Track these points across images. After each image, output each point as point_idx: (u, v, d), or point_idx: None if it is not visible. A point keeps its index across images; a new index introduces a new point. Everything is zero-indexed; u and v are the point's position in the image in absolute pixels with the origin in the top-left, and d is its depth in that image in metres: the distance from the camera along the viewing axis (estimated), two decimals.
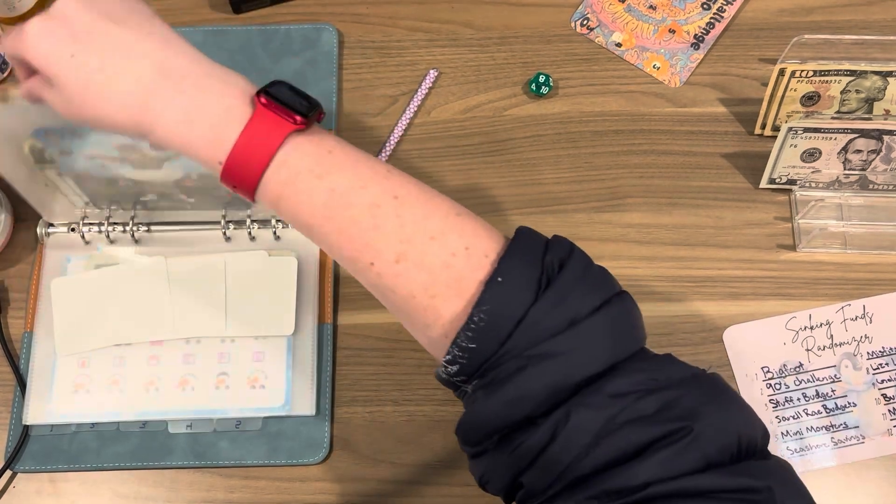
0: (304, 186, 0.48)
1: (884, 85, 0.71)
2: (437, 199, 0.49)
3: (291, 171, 0.48)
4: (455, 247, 0.47)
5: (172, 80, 0.49)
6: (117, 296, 0.71)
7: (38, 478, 0.68)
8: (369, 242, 0.48)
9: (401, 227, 0.48)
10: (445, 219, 0.48)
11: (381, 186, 0.49)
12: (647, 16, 0.81)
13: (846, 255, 0.72)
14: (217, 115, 0.48)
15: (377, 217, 0.48)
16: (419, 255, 0.47)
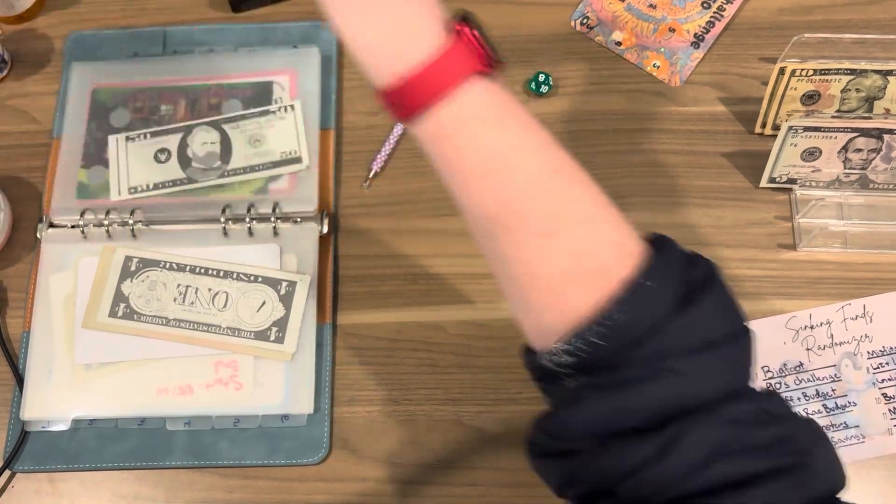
0: (469, 132, 0.44)
1: (884, 84, 0.71)
2: (591, 183, 0.46)
3: (463, 112, 0.44)
4: (605, 238, 0.44)
5: None
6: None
7: (37, 478, 0.68)
8: (517, 209, 0.44)
9: (555, 202, 0.44)
10: (598, 206, 0.45)
11: (544, 156, 0.45)
12: (648, 15, 0.81)
13: (846, 254, 0.72)
14: (413, 27, 0.44)
15: (535, 186, 0.44)
16: (567, 237, 0.44)
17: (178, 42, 0.81)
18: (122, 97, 0.78)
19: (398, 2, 0.44)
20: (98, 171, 0.75)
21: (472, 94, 0.44)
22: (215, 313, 0.70)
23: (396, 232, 0.74)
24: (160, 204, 0.74)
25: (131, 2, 0.84)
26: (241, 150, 0.75)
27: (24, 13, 0.82)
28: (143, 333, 0.70)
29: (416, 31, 0.44)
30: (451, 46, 0.44)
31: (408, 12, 0.44)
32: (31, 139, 0.79)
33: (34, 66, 0.81)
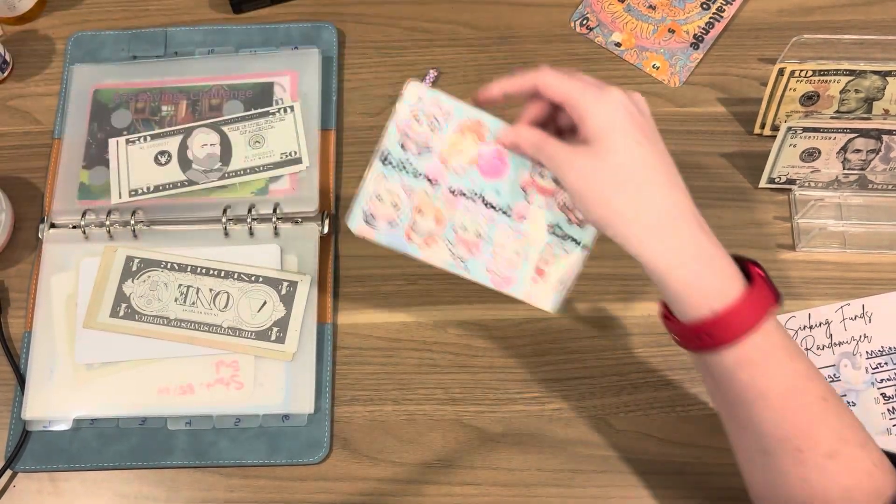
0: (774, 360, 0.50)
1: (883, 84, 0.72)
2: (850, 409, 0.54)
3: (770, 343, 0.50)
4: (877, 460, 0.50)
5: (699, 225, 0.51)
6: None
7: (38, 477, 0.68)
8: (810, 431, 0.50)
9: (840, 426, 0.50)
10: (865, 430, 0.51)
11: (823, 383, 0.51)
12: (647, 15, 0.81)
13: (845, 254, 0.72)
14: (727, 269, 0.50)
15: (824, 410, 0.50)
16: (850, 458, 0.49)
17: (179, 43, 0.81)
18: (124, 98, 0.78)
19: (712, 250, 0.51)
20: (99, 172, 0.76)
21: (772, 326, 0.50)
22: (216, 313, 0.70)
23: None
24: (161, 205, 0.74)
25: (132, 3, 0.84)
26: (241, 151, 0.75)
27: (25, 14, 0.83)
28: (145, 333, 0.70)
29: (728, 274, 0.50)
30: (756, 285, 0.50)
31: (719, 258, 0.51)
32: (32, 140, 0.79)
33: (36, 66, 0.82)
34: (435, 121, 0.57)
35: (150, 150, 0.76)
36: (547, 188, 0.58)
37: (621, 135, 0.51)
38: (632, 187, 0.50)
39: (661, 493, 0.65)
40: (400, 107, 0.57)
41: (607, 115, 0.51)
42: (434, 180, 0.58)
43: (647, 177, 0.51)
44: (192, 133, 0.76)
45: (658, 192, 0.51)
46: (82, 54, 0.81)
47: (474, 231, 0.58)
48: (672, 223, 0.50)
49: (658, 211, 0.50)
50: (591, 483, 0.66)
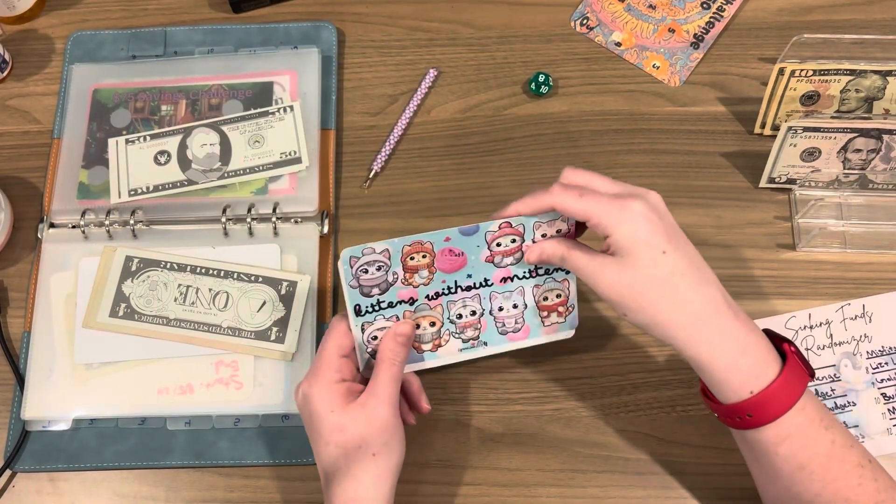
0: (812, 433, 0.54)
1: (883, 84, 0.71)
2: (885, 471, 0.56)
3: (807, 417, 0.54)
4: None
5: (734, 314, 0.54)
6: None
7: (37, 477, 0.68)
8: (850, 497, 0.54)
9: (877, 490, 0.54)
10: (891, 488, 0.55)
11: (859, 448, 0.55)
12: (647, 15, 0.81)
13: (846, 254, 0.72)
14: (762, 353, 0.54)
15: (861, 476, 0.54)
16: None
17: (178, 42, 0.81)
18: (123, 98, 0.78)
19: (747, 337, 0.54)
20: (99, 172, 0.75)
21: (810, 402, 0.54)
22: (216, 313, 0.70)
23: (396, 232, 0.74)
24: (161, 205, 0.74)
25: (132, 2, 0.84)
26: (240, 151, 0.75)
27: (24, 13, 0.83)
28: (144, 333, 0.70)
29: (765, 357, 0.54)
30: (790, 365, 0.53)
31: (754, 344, 0.54)
32: (31, 139, 0.79)
33: (35, 66, 0.82)
34: (381, 263, 0.59)
35: (150, 149, 0.76)
36: (510, 249, 0.61)
37: (646, 248, 0.53)
38: (663, 293, 0.53)
39: (661, 493, 0.65)
40: (343, 276, 0.59)
41: (631, 231, 0.53)
42: (410, 299, 0.61)
43: (677, 282, 0.53)
44: (192, 133, 0.76)
45: (689, 292, 0.54)
46: (81, 54, 0.81)
47: (469, 312, 0.63)
48: (707, 318, 0.54)
49: (693, 310, 0.53)
50: (591, 483, 0.66)
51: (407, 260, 0.61)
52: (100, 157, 0.76)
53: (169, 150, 0.76)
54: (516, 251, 0.61)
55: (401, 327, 0.60)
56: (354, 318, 0.60)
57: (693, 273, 0.54)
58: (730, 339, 0.54)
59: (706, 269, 0.55)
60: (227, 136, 0.76)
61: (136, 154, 0.76)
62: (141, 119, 0.77)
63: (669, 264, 0.53)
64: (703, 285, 0.54)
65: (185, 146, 0.76)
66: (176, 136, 0.76)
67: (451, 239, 0.60)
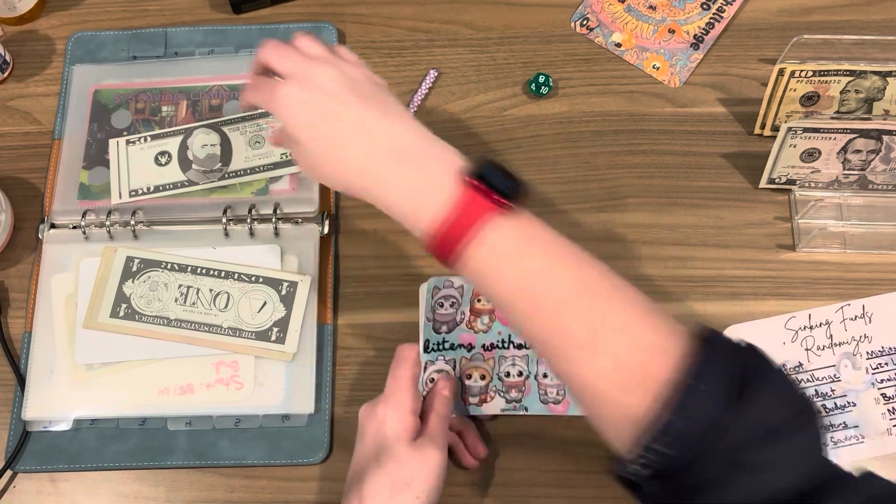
0: (502, 267, 0.50)
1: (883, 85, 0.72)
2: (629, 290, 0.50)
3: (491, 251, 0.50)
4: (646, 343, 0.47)
5: (397, 156, 0.53)
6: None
7: (38, 477, 0.68)
8: (559, 327, 0.49)
9: (592, 317, 0.49)
10: (633, 312, 0.49)
11: (575, 273, 0.50)
12: (647, 16, 0.81)
13: (845, 254, 0.72)
14: (430, 191, 0.52)
15: (571, 304, 0.49)
16: (610, 347, 0.48)
17: (178, 43, 0.81)
18: (124, 98, 0.78)
19: (420, 171, 0.52)
20: (100, 173, 0.76)
21: (496, 234, 0.50)
22: (216, 314, 0.70)
23: (396, 232, 0.74)
24: (161, 205, 0.74)
25: (132, 3, 0.84)
26: (241, 151, 0.75)
27: (25, 14, 0.83)
28: (145, 334, 0.70)
29: (435, 193, 0.51)
30: (462, 198, 0.50)
31: (428, 178, 0.52)
32: (32, 140, 0.79)
33: (35, 67, 0.82)
34: (454, 299, 0.67)
35: (151, 150, 0.76)
36: None
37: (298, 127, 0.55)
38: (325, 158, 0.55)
39: None
40: (423, 304, 0.67)
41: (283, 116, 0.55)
42: (468, 345, 0.66)
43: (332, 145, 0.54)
44: (193, 133, 0.76)
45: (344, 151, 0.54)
46: (82, 54, 0.81)
47: (517, 372, 0.65)
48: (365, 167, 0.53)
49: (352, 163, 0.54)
50: (590, 483, 0.66)
51: (475, 301, 0.67)
52: (100, 158, 0.76)
53: (169, 151, 0.76)
54: None
55: (443, 383, 0.63)
56: (423, 353, 0.65)
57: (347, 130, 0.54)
58: (395, 180, 0.53)
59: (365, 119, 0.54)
60: (227, 136, 0.76)
61: (136, 155, 0.76)
62: (142, 120, 0.77)
63: (321, 134, 0.54)
64: (358, 137, 0.54)
65: (186, 147, 0.76)
66: (176, 136, 0.76)
67: None
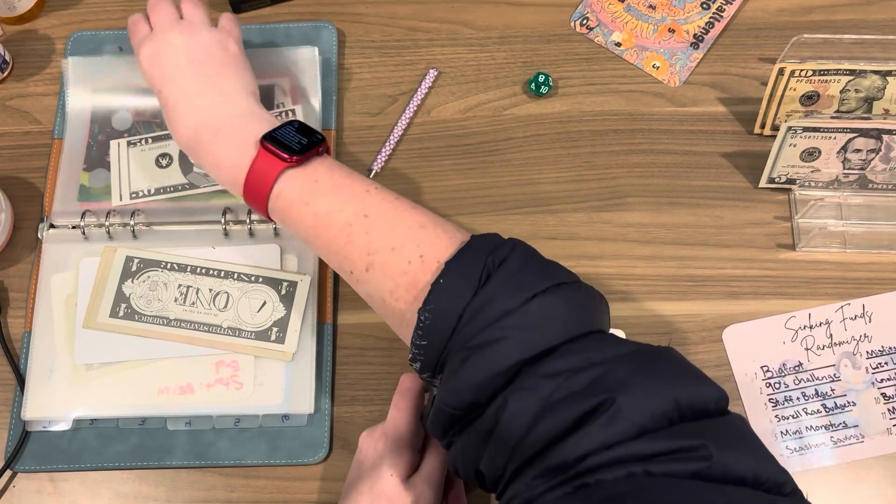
0: (295, 212, 0.58)
1: (883, 84, 0.72)
2: (406, 212, 0.56)
3: (285, 201, 0.58)
4: (411, 255, 0.54)
5: (212, 130, 0.61)
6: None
7: (38, 477, 0.68)
8: (347, 255, 0.56)
9: (368, 241, 0.55)
10: (408, 231, 0.55)
11: (355, 207, 0.57)
12: (647, 15, 0.81)
13: (845, 254, 0.72)
14: (239, 157, 0.60)
15: (350, 234, 0.56)
16: (383, 264, 0.55)
17: None
18: (125, 99, 0.78)
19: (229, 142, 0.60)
20: (100, 175, 0.75)
21: (286, 185, 0.58)
22: (216, 313, 0.70)
23: None
24: (161, 209, 0.74)
25: (132, 3, 0.84)
26: None
27: (24, 14, 0.83)
28: (144, 333, 0.70)
29: (240, 158, 0.59)
30: (254, 160, 0.58)
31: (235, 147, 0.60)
32: (32, 140, 0.79)
33: (35, 66, 0.82)
34: None
35: (152, 152, 0.76)
36: None
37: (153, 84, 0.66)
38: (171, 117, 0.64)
39: None
40: None
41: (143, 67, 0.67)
42: None
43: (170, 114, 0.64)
44: None
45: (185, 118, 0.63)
46: (82, 54, 0.81)
47: None
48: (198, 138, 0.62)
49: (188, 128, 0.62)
50: None
51: None
52: (101, 160, 0.76)
53: (171, 153, 0.76)
54: None
55: None
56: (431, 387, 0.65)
57: (183, 103, 0.63)
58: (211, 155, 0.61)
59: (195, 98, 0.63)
60: None
61: (137, 156, 0.76)
62: (142, 122, 0.77)
63: (166, 97, 0.64)
64: (188, 114, 0.62)
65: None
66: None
67: None
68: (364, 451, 0.60)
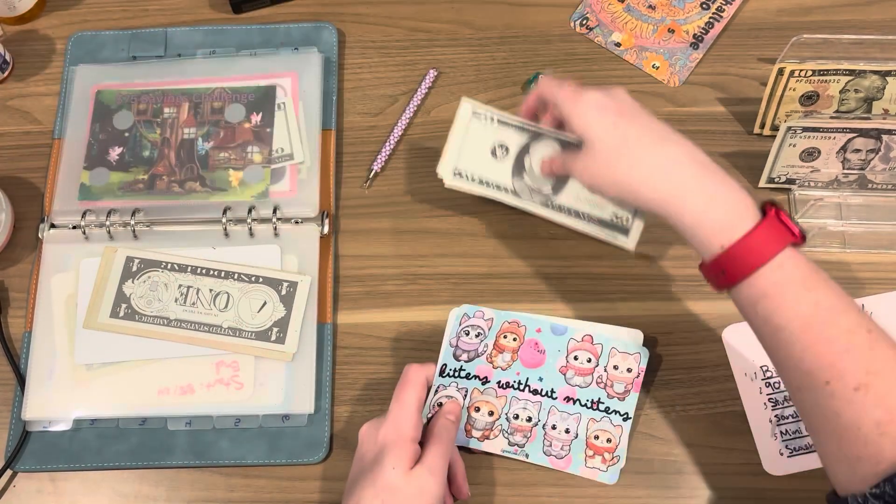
0: (791, 292, 0.52)
1: (882, 84, 0.72)
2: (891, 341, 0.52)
3: (785, 276, 0.53)
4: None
5: (701, 166, 0.56)
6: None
7: (38, 477, 0.68)
8: (835, 363, 0.50)
9: (872, 359, 0.50)
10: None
11: (857, 315, 0.52)
12: (647, 15, 0.81)
13: (845, 254, 0.72)
14: (735, 206, 0.55)
15: (851, 342, 0.51)
16: (883, 391, 0.49)
17: (179, 43, 0.81)
18: (126, 99, 0.78)
19: (716, 188, 0.55)
20: (100, 173, 0.76)
21: (789, 261, 0.53)
22: (216, 314, 0.70)
23: (396, 232, 0.74)
24: (161, 206, 0.74)
25: (132, 3, 0.84)
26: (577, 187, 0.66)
27: (25, 14, 0.83)
28: (145, 334, 0.70)
29: (738, 211, 0.54)
30: (769, 220, 0.53)
31: (723, 197, 0.55)
32: (32, 140, 0.79)
33: (36, 66, 0.82)
34: (481, 330, 0.68)
35: (493, 134, 0.67)
36: (583, 369, 0.67)
37: (597, 127, 0.58)
38: (619, 158, 0.57)
39: (661, 493, 0.65)
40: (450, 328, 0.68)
41: (582, 117, 0.59)
42: (484, 378, 0.66)
43: (631, 145, 0.57)
44: (540, 140, 0.67)
45: (644, 151, 0.57)
46: (82, 54, 0.81)
47: (526, 417, 0.66)
48: (667, 171, 0.56)
49: (649, 166, 0.56)
50: (591, 483, 0.66)
51: (500, 337, 0.68)
52: (102, 159, 0.76)
53: (509, 146, 0.67)
54: (588, 374, 0.67)
55: (450, 407, 0.63)
56: (438, 376, 0.66)
57: (649, 135, 0.57)
58: (695, 189, 0.55)
59: (668, 131, 0.58)
60: None
61: (477, 132, 0.67)
62: (143, 121, 0.77)
63: (621, 133, 0.57)
64: (661, 143, 0.57)
65: (526, 151, 0.67)
66: (523, 133, 0.67)
67: (542, 331, 0.68)
68: (365, 445, 0.59)
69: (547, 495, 0.66)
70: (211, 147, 0.76)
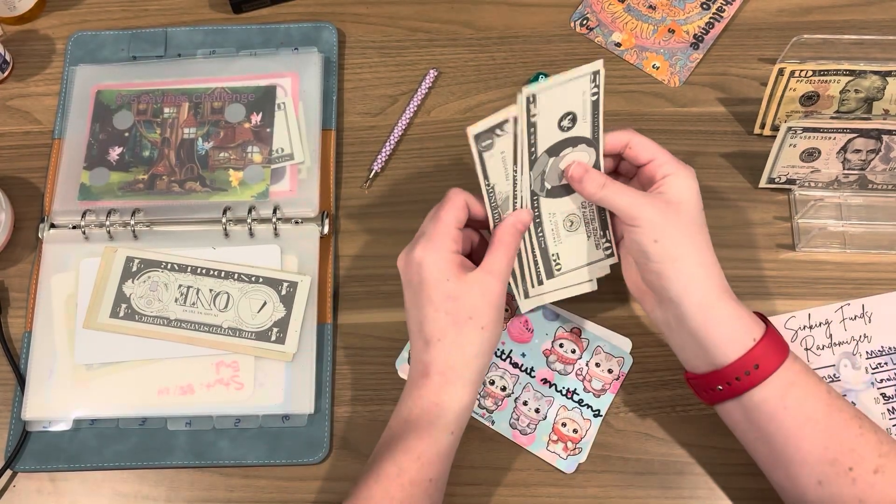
0: (811, 381, 0.56)
1: (883, 85, 0.72)
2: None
3: (788, 380, 0.55)
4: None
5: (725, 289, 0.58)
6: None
7: (38, 477, 0.68)
8: (855, 448, 0.54)
9: (879, 441, 0.54)
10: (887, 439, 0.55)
11: (848, 403, 0.56)
12: (647, 16, 0.81)
13: (845, 254, 0.72)
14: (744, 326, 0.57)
15: (861, 427, 0.54)
16: (893, 471, 0.53)
17: (178, 43, 0.81)
18: (126, 99, 0.78)
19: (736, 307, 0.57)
20: (100, 173, 0.76)
21: (792, 366, 0.56)
22: (216, 314, 0.70)
23: (396, 232, 0.74)
24: (161, 206, 0.74)
25: (132, 3, 0.84)
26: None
27: (25, 14, 0.83)
28: (145, 334, 0.70)
29: (747, 327, 0.56)
30: (771, 331, 0.57)
31: (740, 314, 0.57)
32: (32, 140, 0.79)
33: (36, 66, 0.82)
34: None
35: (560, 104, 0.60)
36: (566, 357, 0.68)
37: (694, 202, 0.59)
38: (689, 238, 0.58)
39: (661, 493, 0.65)
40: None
41: (688, 184, 0.59)
42: None
43: (701, 236, 0.59)
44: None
45: (703, 248, 0.58)
46: (82, 54, 0.81)
47: (500, 387, 0.67)
48: (707, 272, 0.58)
49: (701, 260, 0.58)
50: (591, 483, 0.66)
51: None
52: (102, 159, 0.76)
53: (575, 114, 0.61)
54: (570, 363, 0.68)
55: (522, 215, 0.59)
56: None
57: (705, 239, 0.59)
58: (725, 300, 0.57)
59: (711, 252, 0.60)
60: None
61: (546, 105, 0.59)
62: (143, 121, 0.78)
63: (701, 223, 0.59)
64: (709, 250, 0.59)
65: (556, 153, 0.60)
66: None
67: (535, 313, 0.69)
68: (405, 271, 0.58)
69: (546, 495, 0.66)
70: (211, 147, 0.76)
